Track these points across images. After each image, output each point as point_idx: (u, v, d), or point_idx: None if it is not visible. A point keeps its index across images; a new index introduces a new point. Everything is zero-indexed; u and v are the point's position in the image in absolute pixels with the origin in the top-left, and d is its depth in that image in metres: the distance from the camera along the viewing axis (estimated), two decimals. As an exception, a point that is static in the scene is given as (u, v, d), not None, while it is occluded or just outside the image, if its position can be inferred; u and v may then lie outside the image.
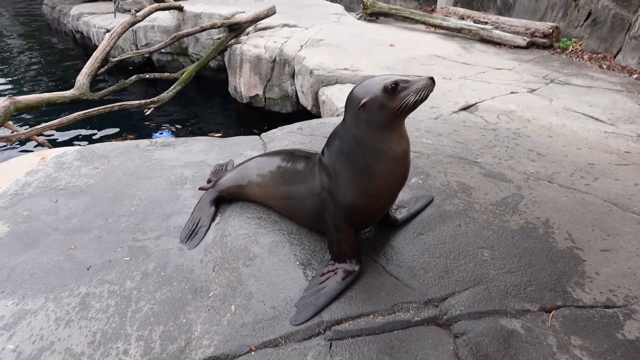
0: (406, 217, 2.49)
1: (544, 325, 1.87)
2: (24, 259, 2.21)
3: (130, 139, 6.60)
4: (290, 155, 2.44)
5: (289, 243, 2.31)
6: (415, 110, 1.95)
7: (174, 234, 2.41)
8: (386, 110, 1.86)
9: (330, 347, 1.75)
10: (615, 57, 6.83)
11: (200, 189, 2.72)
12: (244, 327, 1.83)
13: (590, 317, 1.92)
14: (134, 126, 7.37)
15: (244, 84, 7.22)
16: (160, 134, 6.73)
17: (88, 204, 2.64)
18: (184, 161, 3.18)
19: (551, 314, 1.93)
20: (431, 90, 1.83)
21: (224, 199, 2.64)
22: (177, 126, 7.58)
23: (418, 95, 1.81)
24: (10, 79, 9.60)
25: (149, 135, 6.87)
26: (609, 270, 2.20)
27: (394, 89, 1.83)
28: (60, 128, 5.26)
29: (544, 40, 7.54)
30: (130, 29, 7.59)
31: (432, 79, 1.83)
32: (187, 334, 1.81)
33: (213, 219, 2.51)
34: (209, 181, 2.80)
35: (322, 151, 2.15)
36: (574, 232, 2.49)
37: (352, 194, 2.00)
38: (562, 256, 2.29)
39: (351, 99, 1.95)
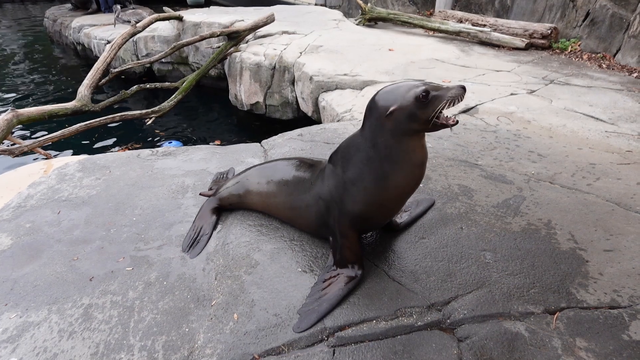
0: (408, 221, 2.49)
1: (548, 327, 1.86)
2: (27, 271, 2.22)
3: (136, 148, 6.62)
4: (292, 163, 2.42)
5: (290, 250, 2.31)
6: None
7: (176, 243, 2.42)
8: (416, 119, 1.80)
9: (334, 353, 1.74)
10: (614, 56, 6.83)
11: (201, 194, 2.73)
12: (246, 335, 1.83)
13: (595, 318, 1.90)
14: (142, 136, 7.40)
15: (245, 92, 7.26)
16: (169, 142, 6.74)
17: (90, 215, 2.65)
18: (185, 170, 3.19)
19: (555, 315, 1.91)
20: (462, 99, 1.80)
21: (225, 208, 2.64)
22: (178, 134, 7.61)
23: (451, 105, 1.77)
24: (12, 91, 9.67)
25: (157, 145, 6.87)
26: (612, 270, 2.19)
27: (425, 97, 1.77)
28: (65, 139, 5.29)
29: (542, 41, 7.55)
30: (131, 39, 7.67)
31: (463, 87, 1.79)
32: (190, 343, 1.81)
33: (215, 227, 2.51)
34: (210, 189, 2.81)
35: (331, 158, 2.13)
36: (577, 232, 2.48)
37: (362, 203, 1.98)
38: (565, 257, 2.28)
39: (375, 106, 1.87)
